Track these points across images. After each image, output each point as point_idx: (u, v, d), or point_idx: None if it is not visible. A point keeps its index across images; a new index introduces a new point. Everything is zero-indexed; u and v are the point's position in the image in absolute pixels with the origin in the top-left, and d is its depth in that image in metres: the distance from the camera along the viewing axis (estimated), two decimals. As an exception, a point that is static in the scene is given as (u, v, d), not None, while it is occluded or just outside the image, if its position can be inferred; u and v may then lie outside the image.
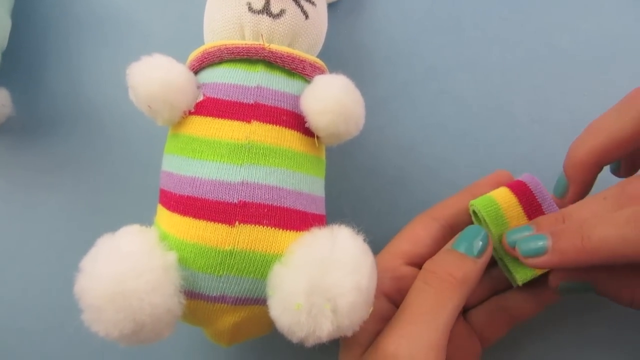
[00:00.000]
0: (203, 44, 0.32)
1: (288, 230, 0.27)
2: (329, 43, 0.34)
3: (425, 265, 0.30)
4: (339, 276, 0.25)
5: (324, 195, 0.31)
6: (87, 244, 0.27)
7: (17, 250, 0.37)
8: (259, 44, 0.29)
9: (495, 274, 0.33)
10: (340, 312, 0.24)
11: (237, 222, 0.26)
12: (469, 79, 0.39)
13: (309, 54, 0.31)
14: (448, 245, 0.30)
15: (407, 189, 0.38)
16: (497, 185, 0.32)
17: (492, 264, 0.32)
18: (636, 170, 0.33)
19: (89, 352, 0.36)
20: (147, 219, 0.30)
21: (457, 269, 0.28)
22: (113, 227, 0.28)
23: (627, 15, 0.39)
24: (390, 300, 0.31)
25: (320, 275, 0.25)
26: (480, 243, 0.29)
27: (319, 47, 0.33)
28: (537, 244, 0.27)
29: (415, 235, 0.32)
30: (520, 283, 0.31)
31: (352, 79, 0.30)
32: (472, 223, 0.32)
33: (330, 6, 0.36)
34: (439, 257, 0.30)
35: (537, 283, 0.31)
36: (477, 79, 0.39)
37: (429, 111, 0.39)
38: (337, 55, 0.38)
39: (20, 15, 0.38)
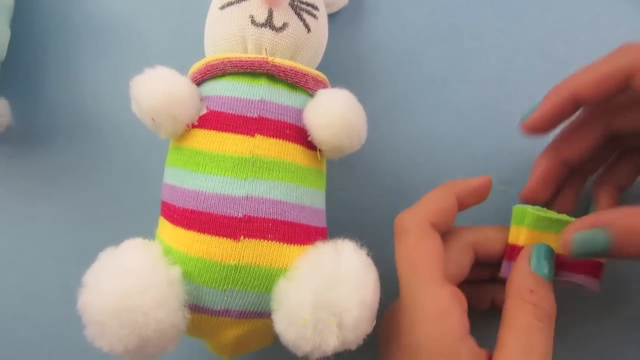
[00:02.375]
0: (202, 54, 0.32)
1: (292, 244, 0.27)
2: (328, 53, 0.34)
3: (529, 298, 0.28)
4: (344, 291, 0.25)
5: (324, 207, 0.31)
6: (86, 254, 0.26)
7: (16, 260, 0.37)
8: (263, 58, 0.29)
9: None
10: (346, 326, 0.25)
11: (241, 237, 0.26)
12: (467, 90, 0.39)
13: (309, 66, 0.31)
14: (527, 266, 0.29)
15: (406, 199, 0.38)
16: (481, 187, 0.32)
17: None
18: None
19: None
20: (147, 230, 0.30)
21: (552, 300, 0.29)
22: (112, 237, 0.28)
23: (624, 26, 0.40)
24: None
25: (326, 290, 0.25)
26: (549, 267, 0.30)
27: (319, 59, 0.33)
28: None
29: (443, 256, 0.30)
30: None
31: (350, 89, 0.30)
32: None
33: (329, 17, 0.36)
34: (541, 288, 0.29)
35: None
36: (475, 89, 0.39)
37: (427, 121, 0.39)
38: (336, 65, 0.38)
39: (19, 25, 0.38)
